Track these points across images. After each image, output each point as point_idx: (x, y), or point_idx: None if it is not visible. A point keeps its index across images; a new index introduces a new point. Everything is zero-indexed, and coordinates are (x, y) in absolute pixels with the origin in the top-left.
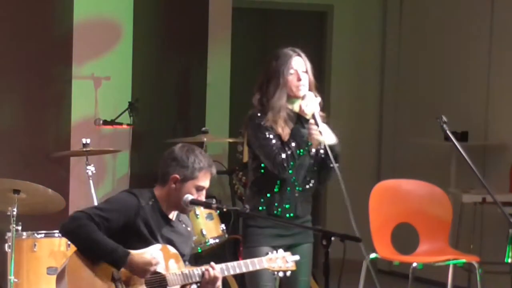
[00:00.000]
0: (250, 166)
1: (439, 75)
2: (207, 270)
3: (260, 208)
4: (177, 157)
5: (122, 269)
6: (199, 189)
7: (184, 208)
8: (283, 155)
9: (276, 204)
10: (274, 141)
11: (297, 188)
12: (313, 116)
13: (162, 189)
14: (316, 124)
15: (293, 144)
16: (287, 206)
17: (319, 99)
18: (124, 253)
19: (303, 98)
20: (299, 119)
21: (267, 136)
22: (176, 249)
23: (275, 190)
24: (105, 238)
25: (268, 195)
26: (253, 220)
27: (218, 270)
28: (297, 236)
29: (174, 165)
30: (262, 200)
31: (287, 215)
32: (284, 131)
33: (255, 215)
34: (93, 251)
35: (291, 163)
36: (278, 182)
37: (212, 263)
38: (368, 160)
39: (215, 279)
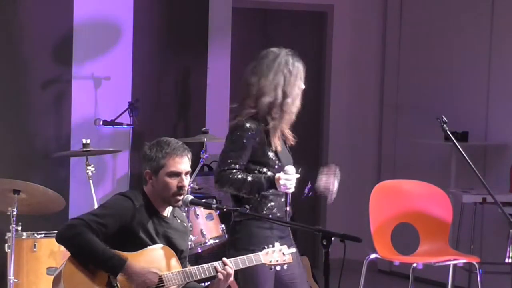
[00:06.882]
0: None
1: (439, 75)
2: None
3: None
4: (144, 153)
5: (119, 277)
6: (173, 175)
7: (170, 200)
8: (235, 176)
9: (272, 204)
10: (243, 158)
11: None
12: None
13: (147, 188)
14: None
15: (268, 173)
16: (282, 201)
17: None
18: (120, 261)
19: (285, 172)
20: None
21: (241, 150)
22: (173, 245)
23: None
24: (101, 246)
25: (258, 199)
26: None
27: (230, 265)
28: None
29: (144, 162)
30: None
31: (286, 209)
32: (276, 144)
33: (255, 215)
34: (89, 259)
35: (240, 192)
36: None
37: (224, 259)
38: (368, 160)
39: (228, 275)
